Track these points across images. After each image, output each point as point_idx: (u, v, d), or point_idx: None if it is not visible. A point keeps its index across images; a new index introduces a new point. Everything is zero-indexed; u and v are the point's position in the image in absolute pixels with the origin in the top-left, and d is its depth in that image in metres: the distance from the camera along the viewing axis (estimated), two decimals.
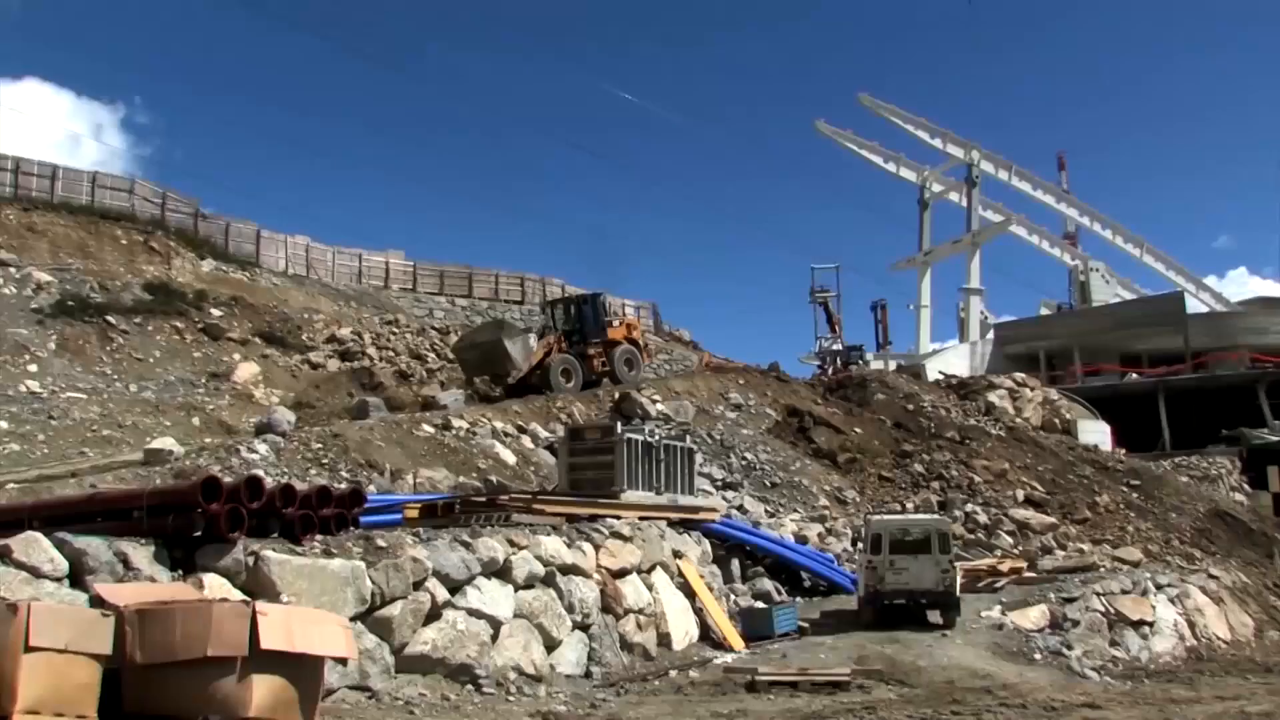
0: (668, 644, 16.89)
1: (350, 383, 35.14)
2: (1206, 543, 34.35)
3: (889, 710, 12.67)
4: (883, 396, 41.77)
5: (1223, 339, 68.63)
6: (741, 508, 26.00)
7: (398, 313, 51.13)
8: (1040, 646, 19.50)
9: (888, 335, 68.18)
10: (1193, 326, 68.31)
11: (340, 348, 41.57)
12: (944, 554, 19.99)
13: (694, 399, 33.80)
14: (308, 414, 29.31)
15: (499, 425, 26.26)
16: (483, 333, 35.87)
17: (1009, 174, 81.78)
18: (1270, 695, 16.70)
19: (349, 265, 56.78)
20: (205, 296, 41.23)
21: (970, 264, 77.86)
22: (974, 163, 77.91)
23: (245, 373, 35.16)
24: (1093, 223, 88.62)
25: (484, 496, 17.86)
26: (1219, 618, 27.03)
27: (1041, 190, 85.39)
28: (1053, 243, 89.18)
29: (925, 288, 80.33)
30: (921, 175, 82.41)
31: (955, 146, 78.44)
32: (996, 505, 32.62)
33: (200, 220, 50.44)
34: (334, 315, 46.83)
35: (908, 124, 77.94)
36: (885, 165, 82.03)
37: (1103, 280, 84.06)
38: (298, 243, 54.70)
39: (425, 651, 12.11)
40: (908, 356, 72.33)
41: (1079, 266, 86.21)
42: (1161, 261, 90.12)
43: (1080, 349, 69.06)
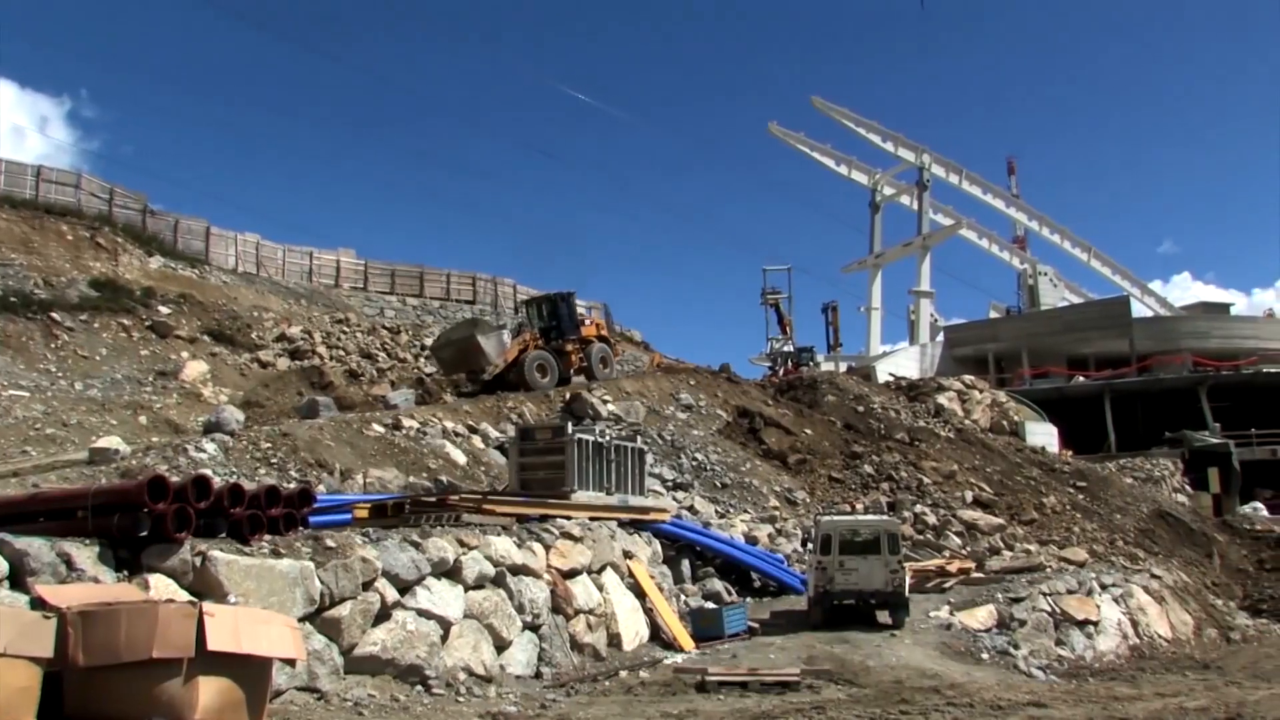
0: (618, 644, 16.89)
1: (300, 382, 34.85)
2: (1149, 543, 34.81)
3: (838, 710, 12.72)
4: (833, 398, 41.98)
5: (1166, 343, 69.56)
6: (692, 508, 26.03)
7: (348, 311, 50.85)
8: (987, 646, 19.71)
9: (838, 337, 68.51)
10: (1138, 330, 69.21)
11: (290, 346, 41.28)
12: (893, 554, 20.10)
13: (645, 400, 33.81)
14: (257, 413, 29.07)
15: (449, 425, 26.16)
16: (458, 330, 36.82)
17: (959, 178, 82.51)
18: (1207, 691, 17.00)
19: (299, 263, 56.43)
20: (153, 294, 40.78)
21: (920, 267, 78.48)
22: (925, 166, 78.51)
23: (193, 371, 34.80)
24: (1041, 227, 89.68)
25: (434, 496, 17.78)
26: (1161, 616, 27.42)
27: (991, 194, 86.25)
28: (1002, 246, 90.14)
29: (876, 290, 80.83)
30: (873, 178, 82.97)
31: (906, 150, 79.01)
32: (945, 506, 32.88)
33: (149, 216, 49.94)
34: (284, 313, 46.50)
35: (859, 127, 78.43)
36: (837, 168, 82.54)
37: (1051, 284, 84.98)
38: (248, 240, 54.29)
39: (374, 652, 12.03)
40: (858, 358, 72.75)
41: (1028, 270, 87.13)
42: (1108, 266, 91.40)
43: (1028, 352, 69.80)
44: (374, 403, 30.06)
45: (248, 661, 8.28)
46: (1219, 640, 28.28)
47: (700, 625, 18.89)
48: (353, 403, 30.05)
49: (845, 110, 78.47)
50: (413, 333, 48.09)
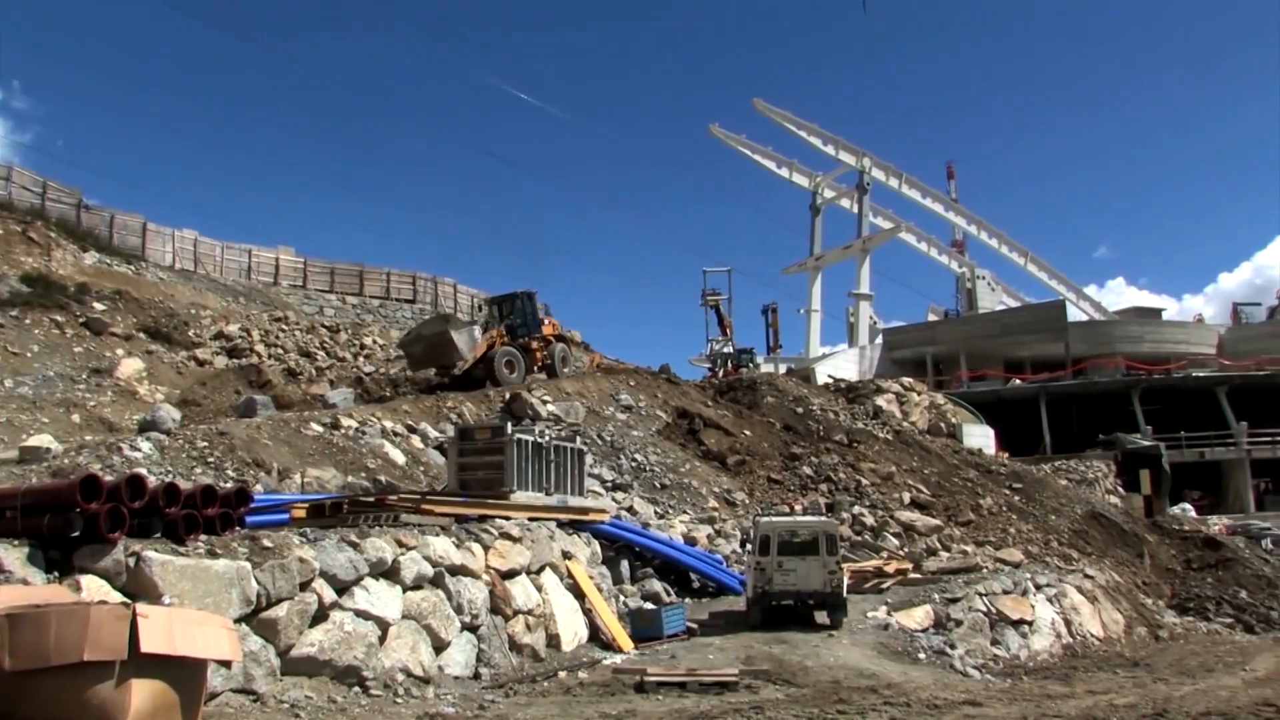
0: (557, 645, 16.88)
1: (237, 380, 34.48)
2: (1083, 543, 35.31)
3: (776, 710, 12.78)
4: (772, 399, 42.18)
5: (1100, 347, 70.75)
6: (631, 509, 26.04)
7: (287, 310, 50.43)
8: (924, 646, 19.88)
9: (778, 339, 68.81)
10: (1073, 334, 70.31)
11: (228, 344, 40.84)
12: (831, 555, 20.21)
13: (584, 400, 33.82)
14: (193, 412, 28.74)
15: (388, 425, 26.01)
16: (429, 326, 37.39)
17: (899, 182, 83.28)
18: (1136, 689, 17.37)
19: (238, 261, 55.91)
20: (87, 290, 40.12)
21: (860, 269, 79.07)
22: (865, 170, 79.15)
23: (128, 369, 34.28)
24: (979, 231, 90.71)
25: (372, 496, 17.65)
26: (1093, 616, 27.85)
27: (930, 198, 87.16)
28: (941, 250, 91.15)
29: (816, 292, 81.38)
30: (814, 181, 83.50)
31: (847, 154, 79.60)
32: (883, 507, 33.13)
33: (83, 211, 49.23)
34: (222, 311, 46.00)
35: (801, 130, 78.91)
36: (778, 171, 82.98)
37: (988, 288, 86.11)
38: (185, 237, 53.68)
39: (312, 653, 11.94)
40: (798, 360, 73.23)
41: (966, 274, 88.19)
42: (1045, 270, 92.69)
43: (966, 354, 70.66)
44: (312, 402, 29.85)
45: (182, 663, 8.18)
46: (1148, 638, 28.78)
47: (639, 626, 18.91)
48: (291, 402, 29.84)
49: (787, 113, 78.96)
50: (352, 331, 47.73)
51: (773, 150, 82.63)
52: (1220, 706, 13.77)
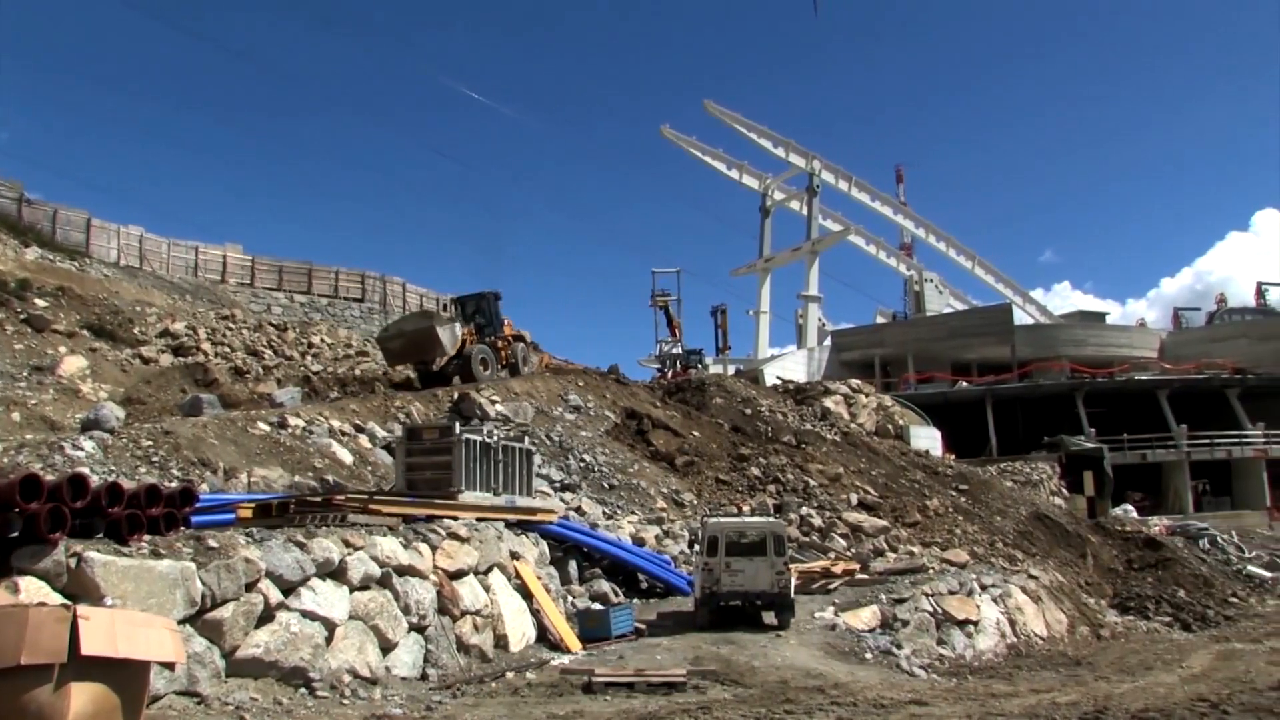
0: (504, 645, 16.86)
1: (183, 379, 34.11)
2: (1028, 544, 35.66)
3: (723, 710, 12.83)
4: (721, 400, 42.31)
5: (1046, 350, 71.55)
6: (579, 509, 26.02)
7: (234, 308, 50.02)
8: (871, 646, 20.00)
9: (727, 340, 68.96)
10: (1019, 337, 71.01)
11: (174, 342, 40.43)
12: (779, 556, 20.27)
13: (533, 400, 33.75)
14: (138, 410, 28.40)
15: (336, 424, 25.85)
16: (411, 321, 38.29)
17: (849, 185, 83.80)
18: (1078, 687, 17.65)
19: (185, 258, 55.41)
20: (29, 286, 39.57)
21: (809, 272, 79.44)
22: (815, 173, 79.52)
23: (71, 366, 33.82)
24: (928, 235, 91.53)
25: (320, 496, 17.53)
26: (1037, 616, 28.14)
27: (879, 202, 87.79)
28: (889, 253, 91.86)
29: (765, 294, 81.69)
30: (764, 183, 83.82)
31: (797, 156, 79.93)
32: (831, 508, 33.29)
33: (24, 206, 48.62)
34: (168, 309, 45.54)
35: (751, 132, 79.15)
36: (728, 172, 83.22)
37: (936, 291, 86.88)
38: (131, 233, 53.12)
39: (257, 654, 11.86)
40: (746, 361, 73.49)
41: (914, 277, 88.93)
42: (991, 274, 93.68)
43: (913, 357, 71.21)
44: (259, 401, 29.60)
45: (124, 666, 8.08)
46: (1090, 637, 29.12)
47: (587, 626, 18.90)
48: (238, 400, 29.57)
49: (737, 115, 79.23)
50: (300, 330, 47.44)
51: (723, 152, 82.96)
52: (1158, 703, 14.03)
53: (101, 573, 10.28)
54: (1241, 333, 77.40)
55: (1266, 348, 72.11)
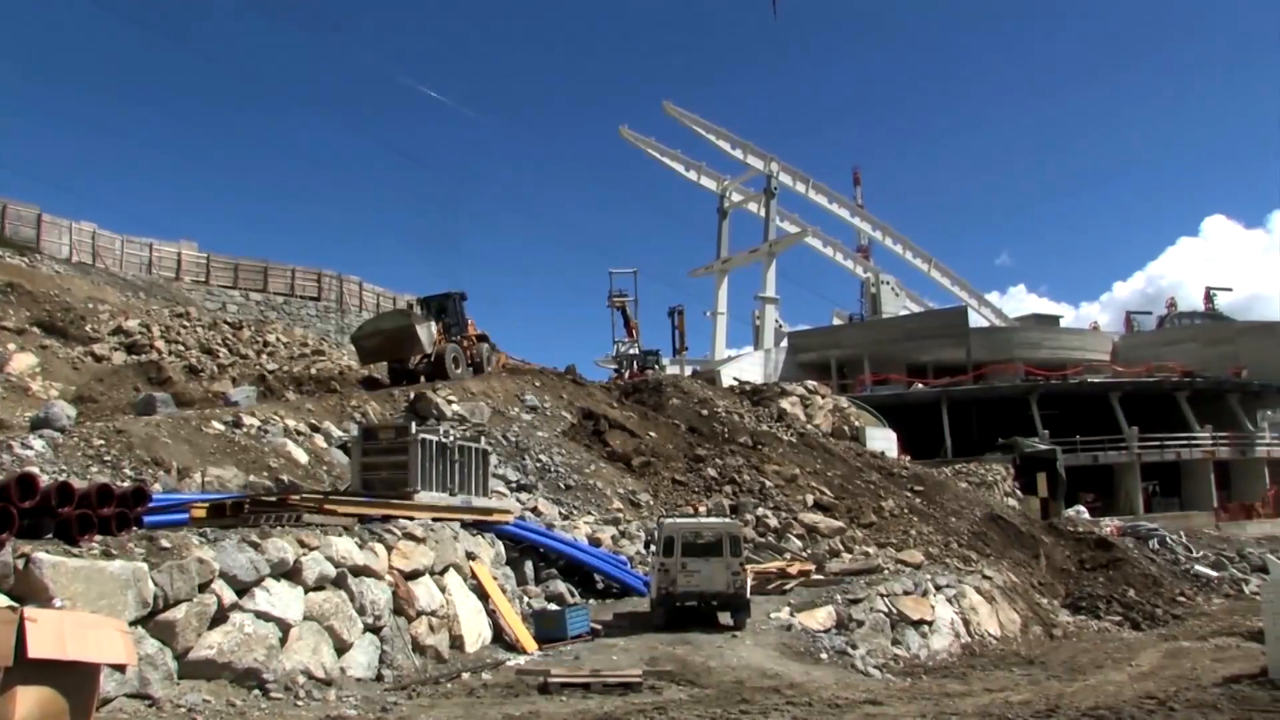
0: (460, 646, 16.82)
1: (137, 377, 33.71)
2: (982, 545, 35.91)
3: (679, 711, 12.86)
4: (678, 401, 42.35)
5: (1000, 352, 72.17)
6: (536, 510, 25.99)
7: (189, 305, 49.53)
8: (826, 646, 20.10)
9: (684, 341, 69.12)
10: (974, 340, 71.59)
11: (127, 340, 39.95)
12: (735, 557, 20.33)
13: (490, 400, 33.68)
14: (90, 409, 28.05)
15: (291, 423, 25.69)
16: (388, 320, 38.61)
17: (806, 187, 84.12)
18: (1031, 686, 17.86)
19: (138, 255, 54.85)
20: None
21: (766, 273, 79.70)
22: (773, 174, 79.76)
23: (21, 364, 33.38)
24: (884, 237, 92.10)
25: (275, 496, 17.42)
26: (991, 616, 28.37)
27: (837, 204, 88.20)
28: (846, 255, 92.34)
29: (722, 295, 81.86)
30: (721, 185, 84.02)
31: (755, 158, 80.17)
32: (787, 509, 33.40)
33: None
34: (121, 306, 45.02)
35: (709, 134, 79.32)
36: (686, 174, 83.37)
37: (892, 293, 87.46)
38: (83, 229, 52.53)
39: (210, 656, 11.77)
40: (703, 362, 73.66)
41: (870, 279, 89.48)
42: (947, 277, 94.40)
43: (870, 358, 71.55)
44: (214, 399, 29.36)
45: (73, 669, 7.99)
46: (1043, 637, 29.41)
47: (543, 627, 18.89)
48: (192, 399, 29.32)
49: (696, 116, 79.38)
50: (255, 328, 46.98)
51: (681, 153, 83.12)
52: (1108, 701, 14.25)
53: (50, 574, 10.17)
54: (1191, 337, 78.41)
55: (1214, 352, 73.12)
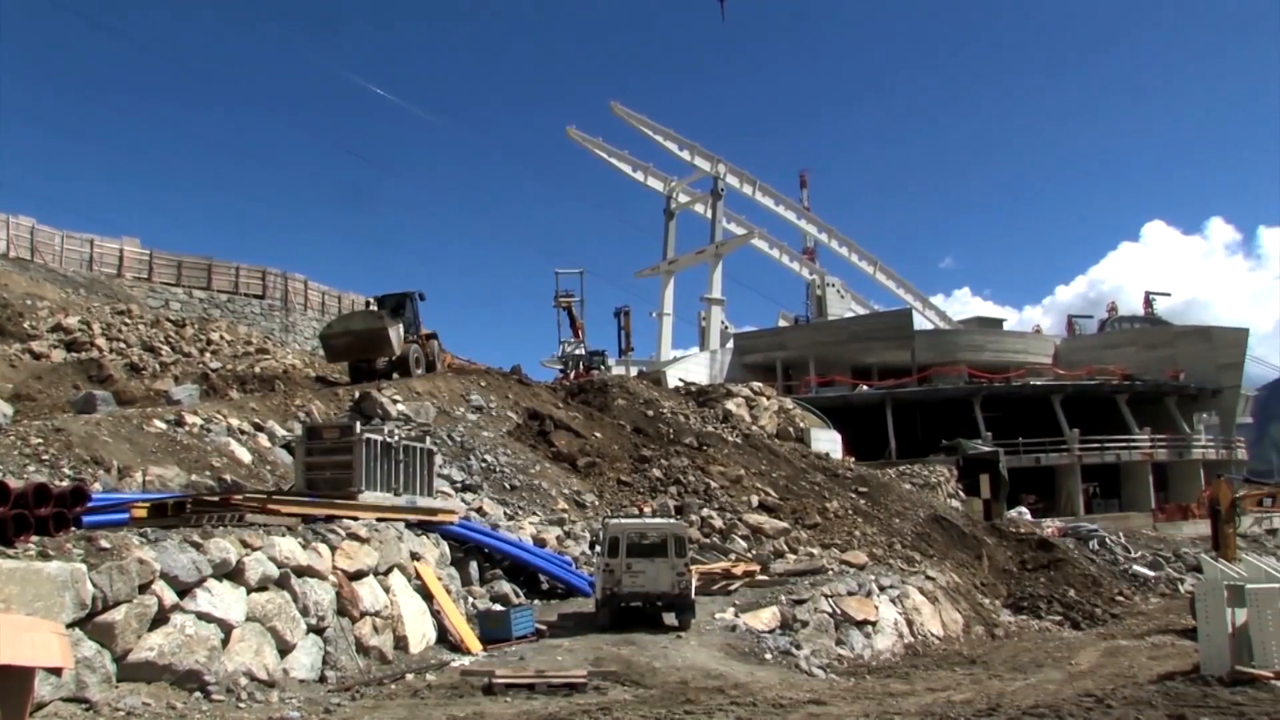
0: (404, 647, 16.77)
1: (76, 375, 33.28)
2: (925, 546, 36.23)
3: (624, 711, 12.89)
4: (623, 402, 42.39)
5: (944, 355, 72.83)
6: (480, 510, 25.94)
7: (131, 303, 48.90)
8: (771, 647, 20.23)
9: (630, 341, 69.13)
10: (918, 342, 72.15)
11: (66, 337, 39.42)
12: (680, 557, 20.40)
13: (435, 400, 33.56)
14: (28, 407, 27.68)
15: (235, 422, 25.49)
16: (359, 320, 38.36)
17: (753, 189, 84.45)
18: (973, 685, 18.10)
19: (79, 251, 54.05)
20: None
21: (712, 274, 79.88)
22: (720, 176, 79.99)
23: None
24: (830, 239, 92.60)
25: (217, 496, 17.27)
26: (934, 616, 28.67)
27: (783, 206, 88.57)
28: (792, 257, 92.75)
29: (668, 296, 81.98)
30: (669, 186, 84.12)
31: (702, 159, 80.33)
32: (732, 510, 33.52)
33: None
34: (60, 303, 44.40)
35: (657, 134, 79.35)
36: (634, 174, 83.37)
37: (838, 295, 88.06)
38: (21, 224, 51.69)
39: (150, 658, 11.65)
40: (649, 363, 73.73)
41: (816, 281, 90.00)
42: (893, 279, 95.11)
43: (815, 360, 71.92)
44: (156, 398, 29.05)
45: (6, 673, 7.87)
46: (985, 636, 29.76)
47: (488, 627, 18.86)
48: (133, 397, 29.01)
49: (644, 117, 79.40)
50: (199, 326, 46.50)
51: (629, 154, 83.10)
52: (1047, 699, 14.47)
53: None
54: (1131, 340, 79.51)
55: (1153, 355, 74.28)
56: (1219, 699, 13.93)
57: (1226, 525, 28.20)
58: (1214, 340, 73.87)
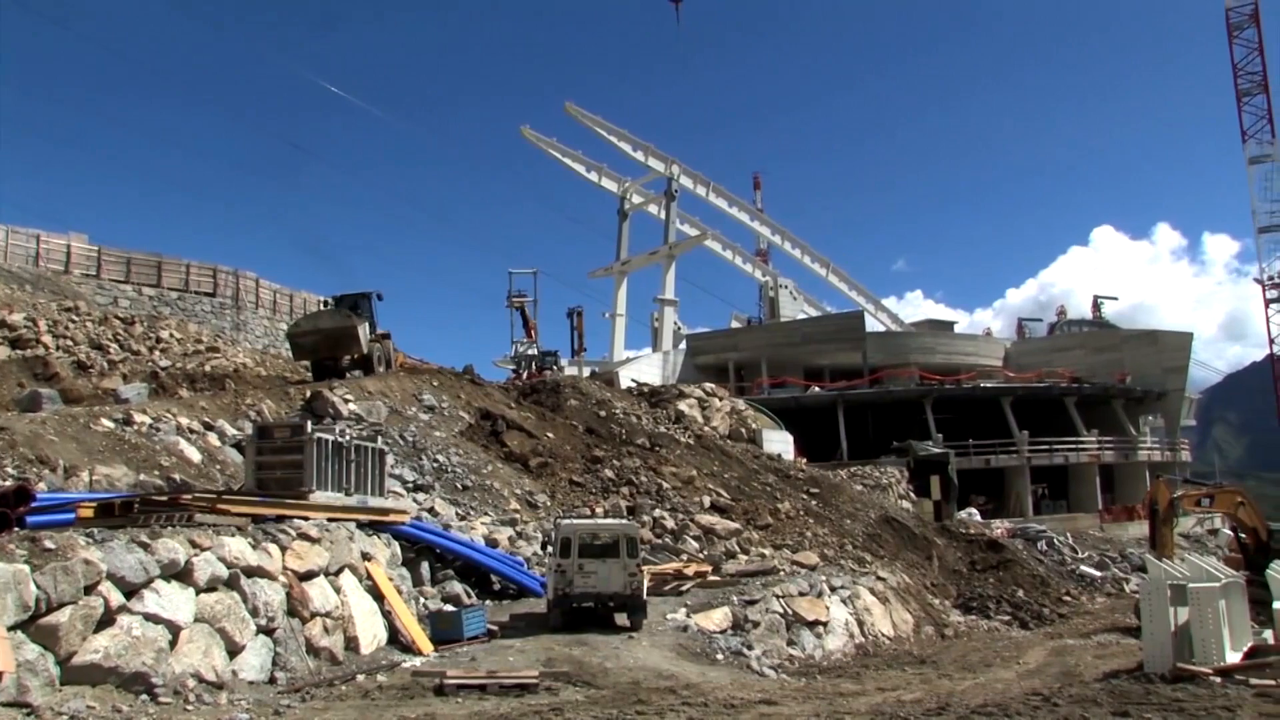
0: (355, 648, 16.69)
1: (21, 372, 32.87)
2: (876, 547, 36.46)
3: (575, 712, 12.90)
4: (576, 402, 42.37)
5: (896, 357, 73.25)
6: (432, 510, 25.87)
7: (78, 300, 48.31)
8: (722, 647, 20.30)
9: (583, 342, 69.11)
10: (870, 344, 72.54)
11: (11, 334, 38.88)
12: (631, 558, 20.44)
13: (387, 400, 33.41)
14: None
15: (184, 421, 25.27)
16: (327, 318, 38.08)
17: (707, 190, 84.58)
18: (923, 684, 18.27)
19: (25, 246, 53.30)
20: None
21: (666, 275, 79.95)
22: (674, 177, 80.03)
23: None
24: (783, 241, 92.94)
25: (166, 495, 17.12)
26: (884, 616, 28.87)
27: (737, 208, 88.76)
28: (745, 258, 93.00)
29: (621, 297, 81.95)
30: (622, 186, 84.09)
31: (656, 160, 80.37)
32: (684, 511, 33.59)
33: None
34: (5, 299, 43.84)
35: (611, 135, 79.32)
36: (587, 175, 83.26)
37: (790, 297, 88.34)
38: None
39: (96, 660, 11.51)
40: (602, 364, 73.71)
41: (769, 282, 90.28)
42: (845, 282, 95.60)
43: (767, 362, 72.12)
44: (104, 396, 28.78)
45: None
46: (935, 636, 30.01)
47: (439, 628, 18.80)
48: (80, 396, 28.70)
49: (598, 118, 79.37)
50: (148, 324, 46.03)
51: (583, 154, 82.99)
52: (996, 698, 14.65)
53: None
54: (1079, 344, 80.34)
55: (1101, 358, 75.12)
56: (1161, 696, 14.22)
57: (1164, 525, 28.67)
58: (1160, 344, 74.82)
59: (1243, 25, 77.13)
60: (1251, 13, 76.76)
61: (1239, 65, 77.18)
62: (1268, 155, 76.59)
